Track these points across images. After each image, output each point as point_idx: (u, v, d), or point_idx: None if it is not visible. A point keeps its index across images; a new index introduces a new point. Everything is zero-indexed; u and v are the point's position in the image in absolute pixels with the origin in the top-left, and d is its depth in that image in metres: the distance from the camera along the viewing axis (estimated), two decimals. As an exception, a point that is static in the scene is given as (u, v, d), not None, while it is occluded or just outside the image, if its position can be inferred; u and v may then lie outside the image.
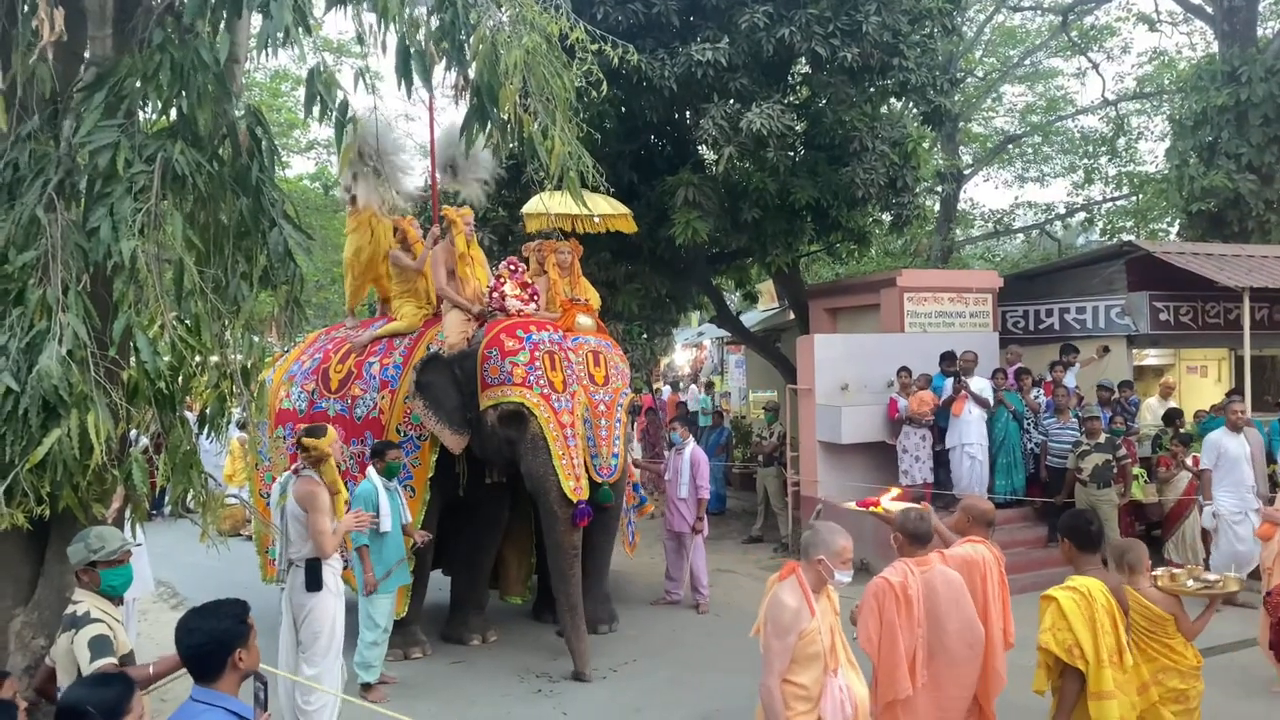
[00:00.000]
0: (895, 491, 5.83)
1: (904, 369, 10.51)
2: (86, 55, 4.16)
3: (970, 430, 9.99)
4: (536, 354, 7.30)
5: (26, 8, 4.04)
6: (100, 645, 3.65)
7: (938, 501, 9.60)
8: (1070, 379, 10.66)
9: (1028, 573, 8.87)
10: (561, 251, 8.58)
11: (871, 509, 5.72)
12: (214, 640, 2.95)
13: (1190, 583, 4.78)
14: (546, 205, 8.67)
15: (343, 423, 7.75)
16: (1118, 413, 10.45)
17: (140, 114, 4.01)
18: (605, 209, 9.29)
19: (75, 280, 3.78)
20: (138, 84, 3.87)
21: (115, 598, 3.95)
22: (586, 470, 7.30)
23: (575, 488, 7.07)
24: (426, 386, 7.35)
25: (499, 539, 8.41)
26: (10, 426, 3.61)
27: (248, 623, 3.05)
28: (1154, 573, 4.76)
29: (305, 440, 6.14)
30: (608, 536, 8.17)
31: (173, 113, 4.01)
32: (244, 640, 3.01)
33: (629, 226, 9.76)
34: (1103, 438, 9.34)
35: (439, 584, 8.39)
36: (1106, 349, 11.42)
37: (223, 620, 3.00)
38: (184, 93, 3.87)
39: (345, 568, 6.31)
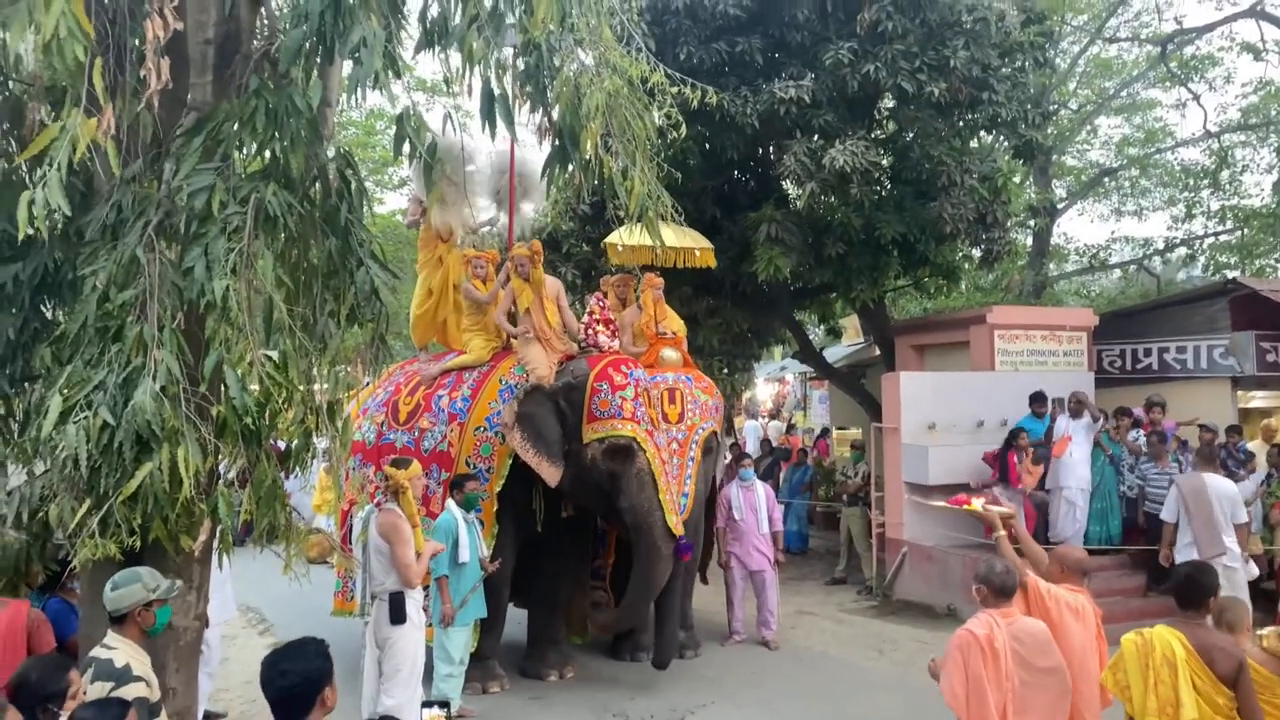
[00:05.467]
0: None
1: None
2: (188, 101, 4.31)
3: (1071, 473, 9.66)
4: (638, 389, 7.43)
5: (134, 57, 4.24)
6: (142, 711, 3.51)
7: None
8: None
9: (1126, 623, 8.33)
10: (656, 287, 8.58)
11: (964, 507, 5.56)
12: (306, 681, 2.97)
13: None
14: (624, 239, 8.71)
15: (409, 455, 7.76)
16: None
17: (236, 157, 4.15)
18: (688, 242, 9.27)
19: (170, 318, 3.91)
20: (234, 128, 4.01)
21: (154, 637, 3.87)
22: None
23: (677, 522, 7.17)
24: (528, 418, 7.36)
25: (575, 574, 8.38)
26: (106, 459, 3.73)
27: (331, 660, 3.08)
28: (1262, 631, 4.47)
29: (386, 469, 6.25)
30: (687, 576, 8.20)
31: (266, 155, 4.14)
32: (330, 678, 3.04)
33: (709, 261, 9.71)
34: (1206, 484, 8.87)
35: (518, 619, 8.40)
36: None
37: (312, 660, 3.03)
38: (277, 136, 3.99)
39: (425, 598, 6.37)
